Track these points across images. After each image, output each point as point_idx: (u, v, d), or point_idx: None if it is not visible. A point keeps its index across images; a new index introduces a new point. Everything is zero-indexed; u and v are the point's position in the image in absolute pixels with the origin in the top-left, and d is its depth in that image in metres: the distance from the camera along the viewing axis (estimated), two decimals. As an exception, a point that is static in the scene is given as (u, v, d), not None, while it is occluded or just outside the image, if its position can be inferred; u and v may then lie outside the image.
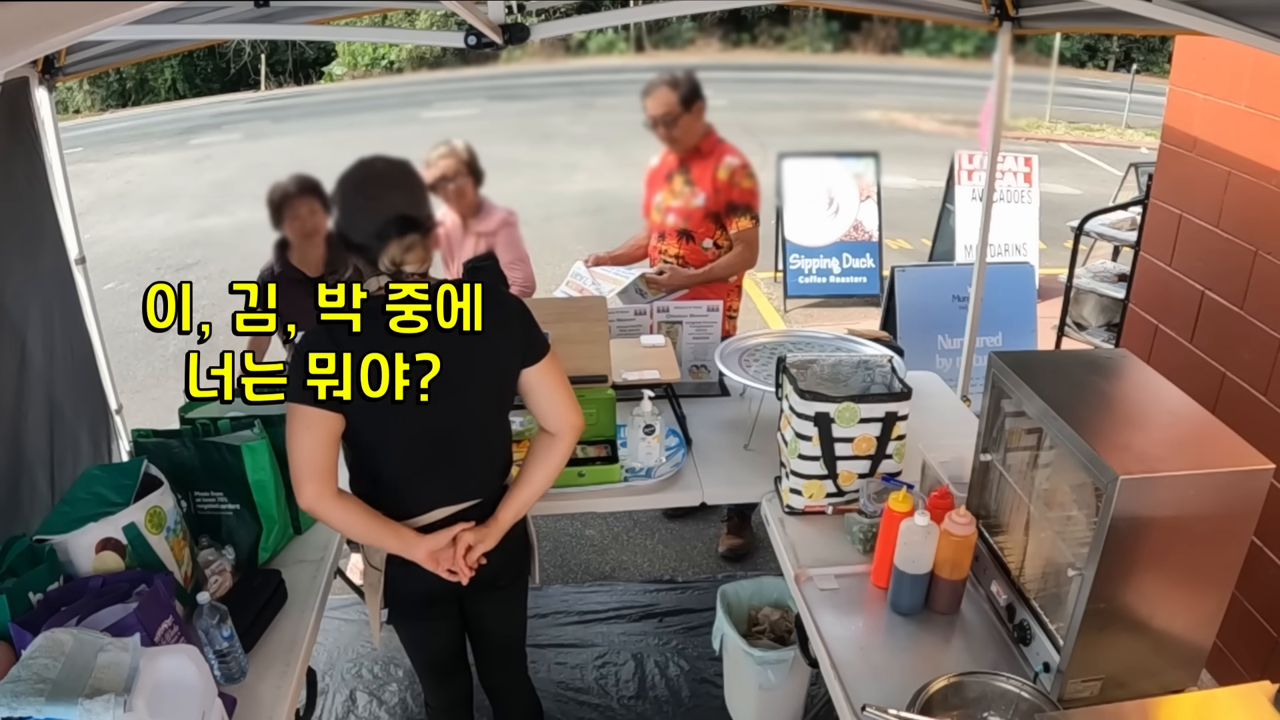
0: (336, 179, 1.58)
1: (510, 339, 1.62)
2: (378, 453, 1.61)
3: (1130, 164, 6.20)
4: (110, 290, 6.33)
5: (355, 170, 1.59)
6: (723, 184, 2.78)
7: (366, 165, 1.59)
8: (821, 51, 16.76)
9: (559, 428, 1.69)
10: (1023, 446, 1.67)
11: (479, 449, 1.69)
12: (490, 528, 1.69)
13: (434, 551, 1.64)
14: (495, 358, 1.62)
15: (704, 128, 2.81)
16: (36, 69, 2.41)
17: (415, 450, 1.61)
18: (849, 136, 11.18)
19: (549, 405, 1.68)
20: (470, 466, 1.68)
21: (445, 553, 1.65)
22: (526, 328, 1.65)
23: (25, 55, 0.95)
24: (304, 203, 2.68)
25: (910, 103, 13.01)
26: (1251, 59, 2.29)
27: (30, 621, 1.36)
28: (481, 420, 1.67)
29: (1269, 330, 2.21)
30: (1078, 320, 4.28)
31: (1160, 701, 1.39)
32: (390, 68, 17.94)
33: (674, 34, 15.98)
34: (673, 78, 2.74)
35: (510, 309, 1.64)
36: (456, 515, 1.67)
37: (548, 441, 1.71)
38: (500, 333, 1.60)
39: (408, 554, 1.64)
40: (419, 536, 1.64)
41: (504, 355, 1.63)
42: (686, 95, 2.72)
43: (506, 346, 1.62)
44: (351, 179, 1.59)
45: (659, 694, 2.66)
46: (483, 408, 1.66)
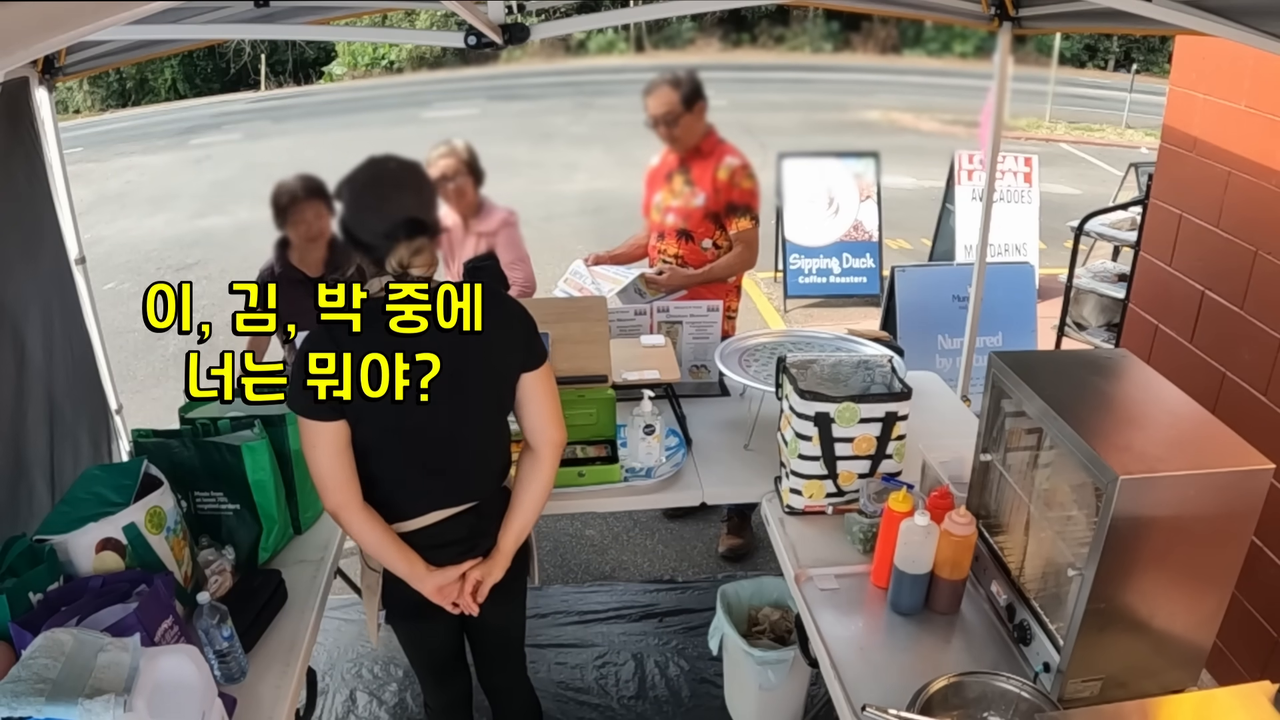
0: (345, 177, 1.58)
1: (513, 342, 1.63)
2: (375, 454, 1.59)
3: (1130, 164, 6.20)
4: (110, 290, 6.33)
5: (366, 169, 1.58)
6: (723, 184, 2.78)
7: (378, 165, 1.58)
8: (821, 51, 16.77)
9: (539, 443, 1.69)
10: (1023, 446, 1.67)
11: (477, 451, 1.69)
12: (495, 560, 1.71)
13: (442, 587, 1.66)
14: (496, 360, 1.62)
15: (705, 128, 2.81)
16: (36, 69, 2.41)
17: (413, 452, 1.61)
18: (849, 136, 11.18)
19: (536, 416, 1.67)
20: (468, 469, 1.68)
21: (452, 588, 1.67)
22: (529, 333, 1.66)
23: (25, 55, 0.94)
24: (310, 206, 2.68)
25: (910, 103, 13.01)
26: (1251, 59, 2.29)
27: (30, 621, 1.36)
28: (481, 422, 1.67)
29: (1269, 330, 2.21)
30: (1078, 320, 4.28)
31: (1160, 701, 1.39)
32: (390, 68, 17.94)
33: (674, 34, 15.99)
34: (675, 77, 2.74)
35: (513, 313, 1.65)
36: (452, 518, 1.67)
37: (531, 461, 1.71)
38: (503, 335, 1.60)
39: (415, 584, 1.66)
40: (428, 571, 1.65)
41: (505, 358, 1.63)
42: (688, 95, 2.72)
43: (509, 350, 1.63)
44: (362, 178, 1.58)
45: (659, 694, 2.66)
46: (482, 410, 1.66)
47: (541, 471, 1.70)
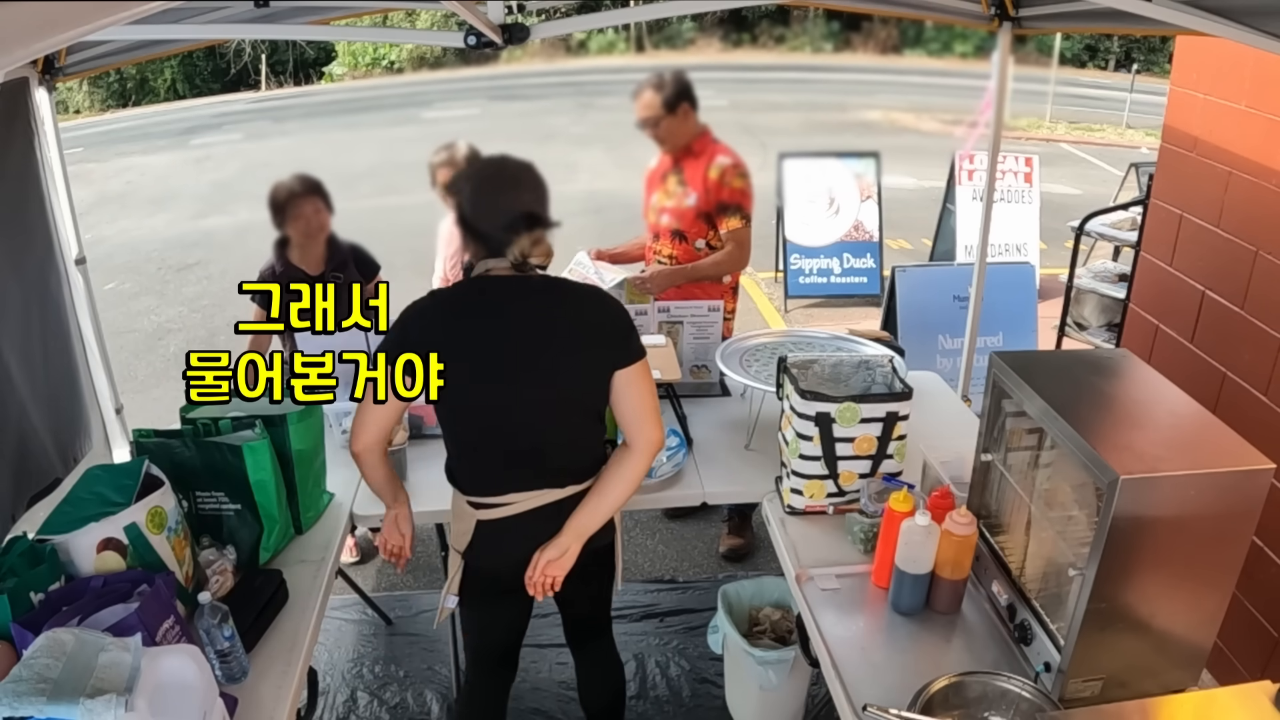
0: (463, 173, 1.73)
1: (606, 338, 1.68)
2: (457, 428, 1.73)
3: (1130, 164, 6.20)
4: (110, 290, 6.33)
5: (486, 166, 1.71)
6: (713, 183, 2.77)
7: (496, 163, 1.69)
8: (822, 51, 16.77)
9: (633, 439, 1.72)
10: (1023, 446, 1.67)
11: (563, 443, 1.73)
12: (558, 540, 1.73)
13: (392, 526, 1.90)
14: (587, 355, 1.67)
15: (694, 129, 2.80)
16: (36, 69, 2.41)
17: (493, 435, 1.70)
18: (849, 136, 11.19)
19: (629, 412, 1.70)
20: (552, 459, 1.73)
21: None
22: (625, 331, 1.70)
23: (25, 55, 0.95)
24: (309, 202, 2.70)
25: (910, 103, 13.02)
26: (1251, 59, 2.29)
27: (32, 621, 1.36)
28: (565, 414, 1.71)
29: (1269, 330, 2.21)
30: (1078, 320, 4.28)
31: (1161, 701, 1.39)
32: (390, 68, 17.94)
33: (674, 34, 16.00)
34: (659, 79, 2.73)
35: (610, 309, 1.71)
36: (538, 508, 1.73)
37: (622, 455, 1.74)
38: (595, 331, 1.67)
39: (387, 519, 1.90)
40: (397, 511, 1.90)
41: (597, 354, 1.67)
42: (670, 98, 2.71)
43: (601, 345, 1.67)
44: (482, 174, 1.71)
45: (659, 694, 2.66)
46: (568, 402, 1.70)
47: (628, 467, 1.73)
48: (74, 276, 2.60)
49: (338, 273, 2.76)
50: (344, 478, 2.20)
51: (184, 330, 5.78)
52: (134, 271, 6.92)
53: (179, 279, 6.81)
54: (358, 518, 2.14)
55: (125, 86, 17.17)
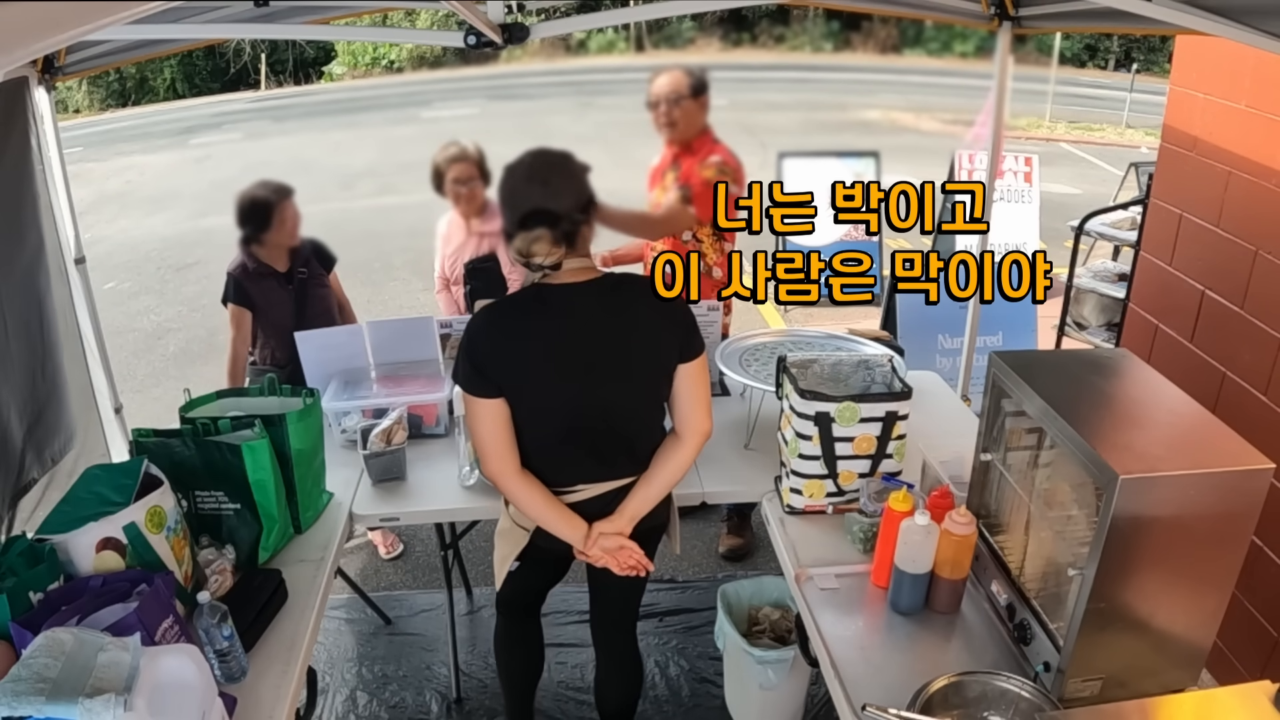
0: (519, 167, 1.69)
1: (673, 333, 1.73)
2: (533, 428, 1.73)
3: (1130, 164, 6.20)
4: (110, 290, 6.34)
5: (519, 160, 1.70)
6: (704, 179, 2.79)
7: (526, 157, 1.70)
8: (821, 51, 16.74)
9: (686, 430, 1.79)
10: (1023, 446, 1.67)
11: (632, 434, 1.79)
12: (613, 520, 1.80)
13: (610, 552, 1.82)
14: (657, 348, 1.73)
15: (702, 123, 2.82)
16: (36, 69, 2.41)
17: (569, 430, 1.74)
18: (849, 136, 11.19)
19: (687, 404, 1.78)
20: (621, 450, 1.79)
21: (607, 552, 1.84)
22: (689, 326, 1.76)
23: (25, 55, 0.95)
24: (289, 206, 2.76)
25: (910, 102, 13.01)
26: (1251, 59, 2.29)
27: (31, 621, 1.35)
28: (636, 406, 1.78)
29: (1269, 330, 2.21)
30: (1078, 320, 4.28)
31: (1160, 701, 1.39)
32: (390, 67, 17.93)
33: (674, 34, 15.97)
34: (687, 68, 2.78)
35: (677, 305, 1.75)
36: (603, 495, 1.79)
37: (674, 443, 1.81)
38: (665, 326, 1.73)
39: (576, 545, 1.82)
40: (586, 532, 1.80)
41: (665, 348, 1.73)
42: (697, 84, 2.76)
43: (669, 340, 1.73)
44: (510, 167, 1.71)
45: (659, 693, 2.66)
46: (639, 395, 1.76)
47: (681, 454, 1.81)
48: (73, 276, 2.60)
49: (303, 268, 2.83)
50: (344, 477, 2.20)
51: (183, 330, 5.78)
52: (133, 271, 6.93)
53: (178, 278, 6.81)
54: (357, 517, 2.14)
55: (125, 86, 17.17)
